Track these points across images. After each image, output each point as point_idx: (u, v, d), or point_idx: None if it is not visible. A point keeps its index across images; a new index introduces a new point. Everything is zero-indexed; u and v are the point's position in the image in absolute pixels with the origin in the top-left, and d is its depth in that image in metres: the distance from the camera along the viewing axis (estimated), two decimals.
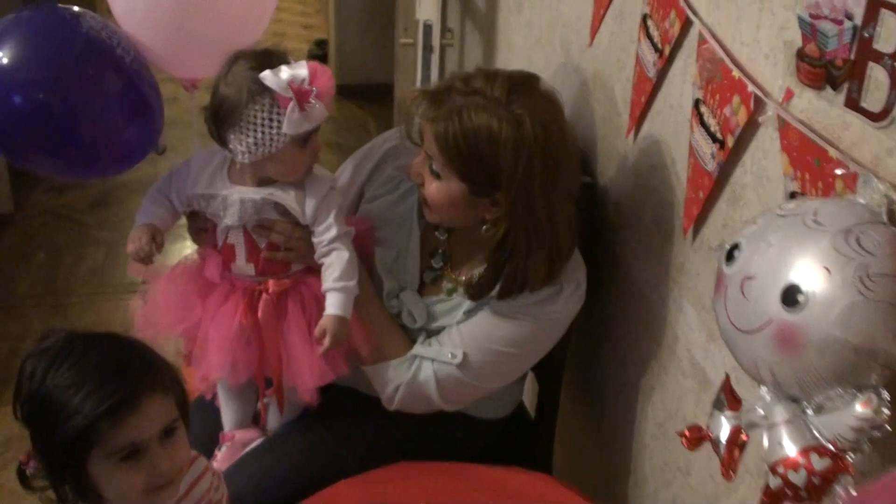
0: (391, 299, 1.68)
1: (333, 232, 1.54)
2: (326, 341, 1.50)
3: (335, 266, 1.53)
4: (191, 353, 1.61)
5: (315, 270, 1.59)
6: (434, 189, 1.53)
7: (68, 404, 1.10)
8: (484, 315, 1.62)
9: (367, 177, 1.77)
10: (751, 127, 1.24)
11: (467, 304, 1.63)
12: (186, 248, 1.71)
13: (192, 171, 1.56)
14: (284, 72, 1.43)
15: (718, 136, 1.31)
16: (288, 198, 1.53)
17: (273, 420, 1.82)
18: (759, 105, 1.21)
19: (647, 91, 1.56)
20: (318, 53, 6.16)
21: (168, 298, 1.62)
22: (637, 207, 1.67)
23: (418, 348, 1.64)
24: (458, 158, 1.48)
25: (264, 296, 1.58)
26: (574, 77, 1.96)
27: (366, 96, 5.53)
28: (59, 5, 1.68)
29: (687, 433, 1.12)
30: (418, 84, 2.62)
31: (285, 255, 1.59)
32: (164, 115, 1.72)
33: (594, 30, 1.82)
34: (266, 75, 1.42)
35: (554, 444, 1.96)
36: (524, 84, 1.50)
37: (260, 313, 1.57)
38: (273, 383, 1.68)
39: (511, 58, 2.46)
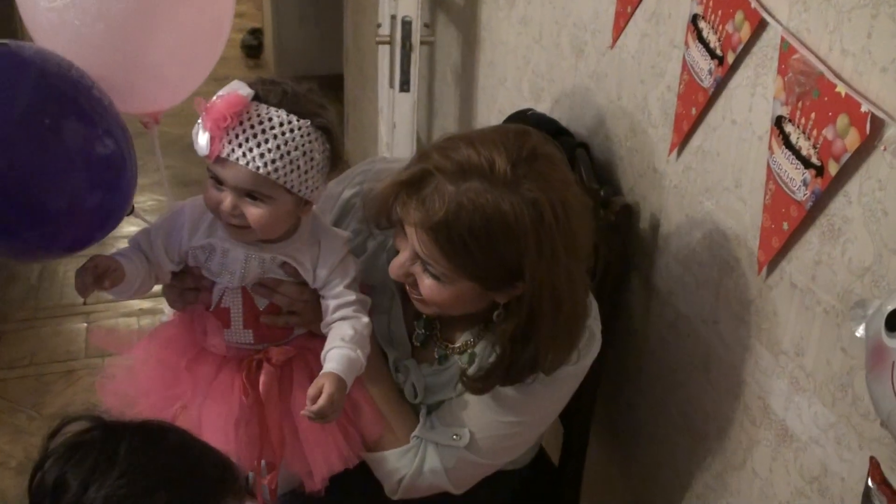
0: (395, 372, 1.46)
1: (351, 297, 1.31)
2: (321, 401, 1.22)
3: (347, 328, 1.29)
4: None
5: (320, 336, 1.35)
6: (433, 289, 1.27)
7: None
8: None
9: None
10: (861, 153, 1.06)
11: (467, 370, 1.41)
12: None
13: (186, 220, 1.31)
14: (234, 90, 1.19)
15: (815, 161, 1.12)
16: (302, 258, 1.30)
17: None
18: (878, 128, 1.02)
19: (701, 103, 1.37)
20: (254, 43, 5.86)
21: (148, 374, 1.36)
22: (684, 233, 1.48)
23: (420, 430, 1.42)
24: (468, 262, 1.22)
25: (266, 366, 1.33)
26: (590, 83, 1.76)
27: None
28: (9, 41, 1.27)
29: None
30: (393, 84, 2.38)
31: (288, 319, 1.35)
32: (137, 167, 1.39)
33: (618, 30, 1.62)
34: (232, 83, 1.20)
35: (581, 492, 1.77)
36: (523, 148, 1.22)
37: (262, 387, 1.33)
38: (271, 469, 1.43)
39: (499, 58, 2.25)
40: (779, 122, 1.19)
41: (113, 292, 1.29)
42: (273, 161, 1.18)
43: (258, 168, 1.18)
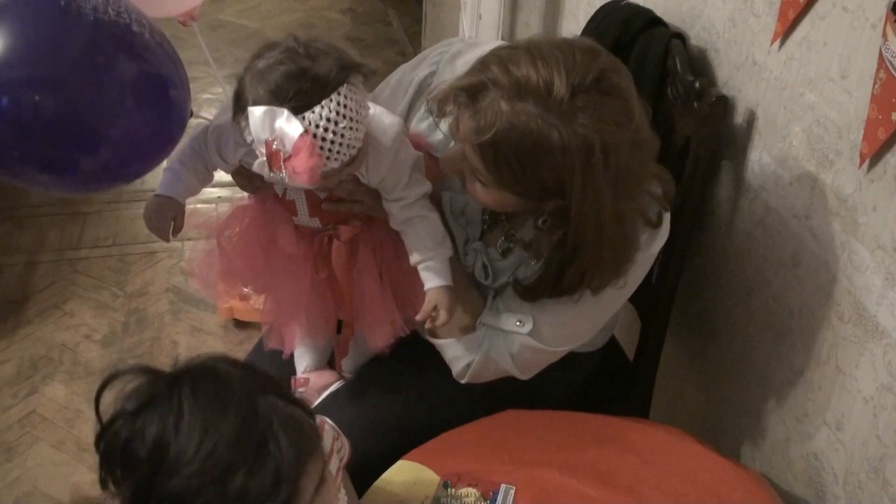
0: (465, 256, 1.48)
1: (410, 198, 1.35)
2: (442, 315, 1.33)
3: (423, 235, 1.35)
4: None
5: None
6: (479, 192, 1.29)
7: (208, 489, 0.84)
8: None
9: (406, 113, 1.51)
10: None
11: (531, 263, 1.43)
12: None
13: (232, 132, 1.32)
14: (277, 120, 1.14)
15: None
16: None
17: (350, 360, 1.64)
18: None
19: None
20: None
21: (228, 256, 1.45)
22: (781, 127, 1.45)
23: (486, 316, 1.44)
24: (511, 180, 1.22)
25: (336, 243, 1.40)
26: None
27: None
28: None
29: None
30: None
31: (350, 206, 1.39)
32: (189, 84, 1.40)
33: None
34: (253, 114, 1.15)
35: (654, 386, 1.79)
36: (588, 72, 1.17)
37: (334, 262, 1.41)
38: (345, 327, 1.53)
39: None
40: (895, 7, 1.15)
41: None
42: (356, 138, 1.20)
43: (350, 155, 1.21)
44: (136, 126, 1.29)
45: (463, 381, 1.49)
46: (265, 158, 1.16)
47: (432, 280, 1.34)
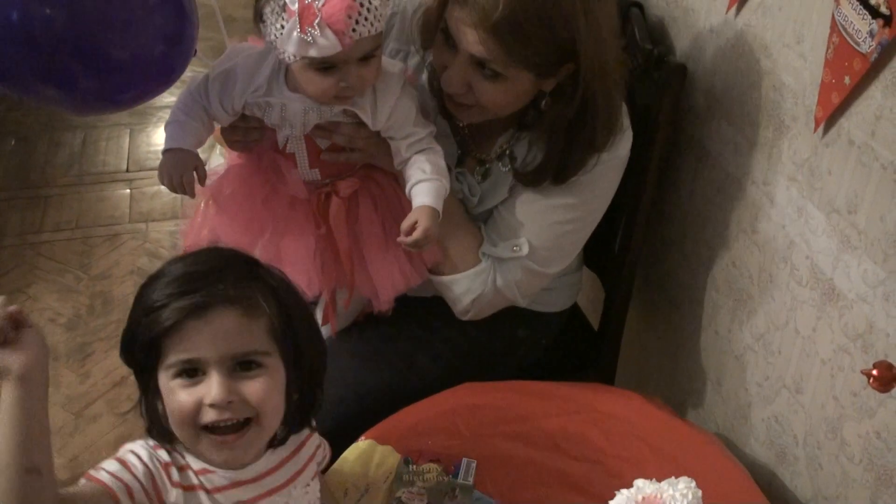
0: (456, 182, 1.49)
1: (420, 133, 1.34)
2: (417, 233, 1.29)
3: (426, 162, 1.33)
4: None
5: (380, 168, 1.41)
6: (493, 92, 1.32)
7: (146, 302, 1.05)
8: (531, 192, 1.44)
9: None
10: None
11: (508, 181, 1.45)
12: None
13: (239, 74, 1.31)
14: None
15: (884, 10, 1.09)
16: (362, 102, 1.31)
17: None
18: None
19: None
20: None
21: (226, 214, 1.41)
22: (739, 94, 1.45)
23: (486, 247, 1.46)
24: (528, 51, 1.27)
25: (334, 198, 1.38)
26: None
27: None
28: None
29: (875, 372, 0.94)
30: None
31: (349, 156, 1.38)
32: (198, 19, 1.38)
33: None
34: None
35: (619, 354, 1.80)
36: None
37: (331, 219, 1.38)
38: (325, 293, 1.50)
39: None
40: None
41: None
42: (383, 14, 1.21)
43: (377, 29, 1.21)
44: (144, 50, 1.30)
45: (466, 318, 1.51)
46: (297, 18, 1.16)
47: (420, 197, 1.32)
